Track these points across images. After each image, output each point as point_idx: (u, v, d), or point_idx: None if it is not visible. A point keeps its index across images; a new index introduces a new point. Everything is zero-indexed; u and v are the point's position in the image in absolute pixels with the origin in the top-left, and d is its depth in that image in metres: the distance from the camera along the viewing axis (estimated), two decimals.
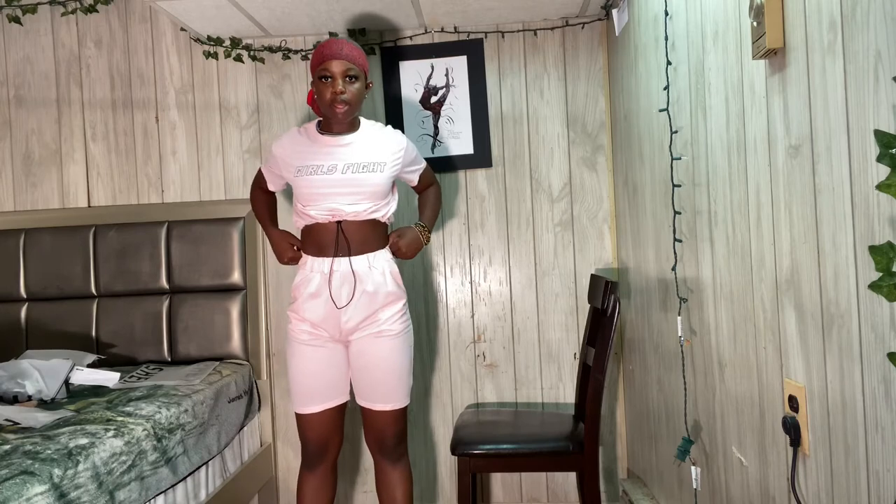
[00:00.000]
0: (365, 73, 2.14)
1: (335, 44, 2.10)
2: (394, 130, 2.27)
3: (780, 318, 1.40)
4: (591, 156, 3.05)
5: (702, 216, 1.84)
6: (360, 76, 2.11)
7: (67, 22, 3.13)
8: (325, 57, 2.08)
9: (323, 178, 2.12)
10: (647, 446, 2.64)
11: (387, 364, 2.18)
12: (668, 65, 2.03)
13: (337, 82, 2.07)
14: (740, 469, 1.67)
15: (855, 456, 1.14)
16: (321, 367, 2.18)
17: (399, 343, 2.19)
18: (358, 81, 2.10)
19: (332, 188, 2.12)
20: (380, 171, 2.15)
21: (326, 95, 2.08)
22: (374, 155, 2.16)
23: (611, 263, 3.04)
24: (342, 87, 2.07)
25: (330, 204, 2.13)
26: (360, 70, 2.11)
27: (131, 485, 1.86)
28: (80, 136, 3.14)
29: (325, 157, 2.15)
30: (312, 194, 2.13)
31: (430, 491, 3.08)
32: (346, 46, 2.10)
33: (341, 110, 2.09)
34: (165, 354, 2.94)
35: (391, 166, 2.18)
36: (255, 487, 2.86)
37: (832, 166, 1.16)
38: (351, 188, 2.13)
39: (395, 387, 2.20)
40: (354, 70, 2.09)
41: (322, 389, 2.19)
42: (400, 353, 2.19)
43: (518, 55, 3.07)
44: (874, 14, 1.02)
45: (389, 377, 2.18)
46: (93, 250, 3.01)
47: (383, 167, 2.16)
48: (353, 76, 2.09)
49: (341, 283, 2.13)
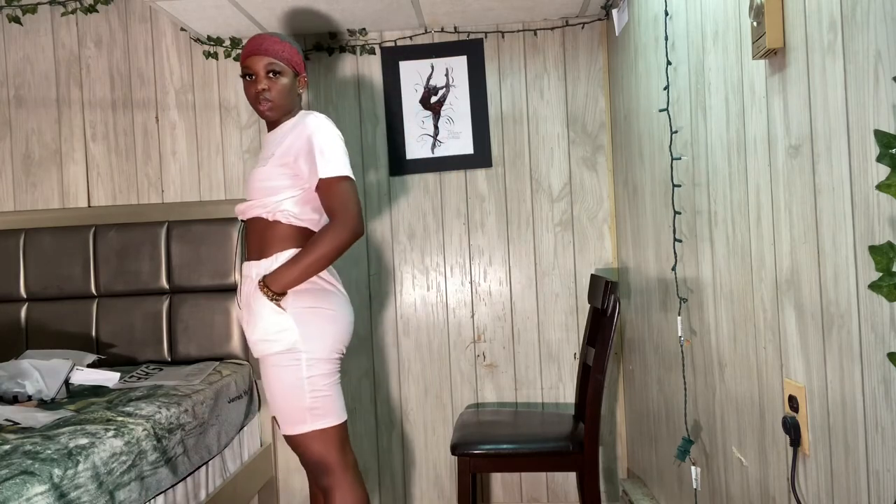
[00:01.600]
0: (293, 68, 2.02)
1: (256, 39, 1.99)
2: (313, 118, 1.99)
3: (780, 318, 1.40)
4: (591, 156, 3.05)
5: (702, 216, 1.84)
6: (286, 71, 1.99)
7: (67, 22, 3.13)
8: (245, 54, 1.99)
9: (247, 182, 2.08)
10: (647, 446, 2.64)
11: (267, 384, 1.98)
12: (668, 65, 2.03)
13: (260, 79, 1.97)
14: (740, 469, 1.67)
15: (855, 456, 1.14)
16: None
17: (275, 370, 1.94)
18: (283, 77, 1.99)
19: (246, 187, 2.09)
20: (263, 164, 1.99)
21: (251, 94, 2.00)
22: (269, 149, 2.02)
23: (611, 263, 3.04)
24: (265, 85, 1.97)
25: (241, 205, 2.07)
26: (286, 64, 1.99)
27: (131, 485, 1.86)
28: (80, 136, 3.14)
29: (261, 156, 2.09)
30: None
31: (430, 491, 3.08)
32: (267, 41, 1.98)
33: (264, 108, 1.99)
34: (165, 354, 2.94)
35: (283, 156, 1.96)
36: (255, 487, 2.86)
37: (832, 166, 1.16)
38: (248, 184, 2.04)
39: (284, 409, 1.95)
40: (278, 65, 1.97)
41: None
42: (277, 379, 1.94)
43: (518, 55, 3.07)
44: (874, 14, 1.02)
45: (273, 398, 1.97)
46: (93, 250, 3.01)
47: (271, 158, 1.97)
48: (277, 71, 1.98)
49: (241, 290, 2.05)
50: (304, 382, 1.92)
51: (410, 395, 3.08)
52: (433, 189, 3.08)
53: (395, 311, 3.08)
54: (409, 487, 3.08)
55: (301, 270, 1.89)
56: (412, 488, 3.09)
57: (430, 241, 3.09)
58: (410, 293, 3.09)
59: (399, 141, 3.06)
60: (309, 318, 1.93)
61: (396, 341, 3.08)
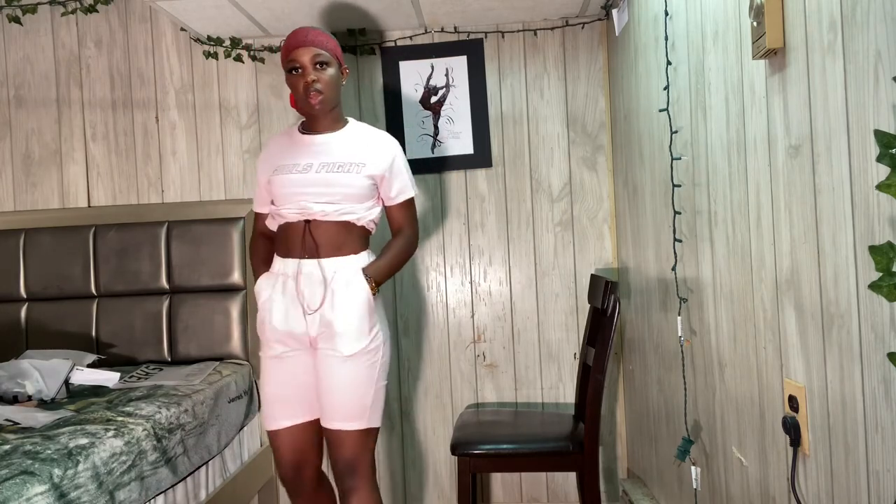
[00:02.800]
0: (338, 59, 2.02)
1: (300, 32, 1.98)
2: (388, 136, 2.11)
3: (780, 318, 1.40)
4: (591, 156, 3.05)
5: (702, 216, 1.84)
6: (332, 62, 1.99)
7: (67, 22, 3.13)
8: (290, 47, 1.97)
9: (296, 178, 2.00)
10: (647, 446, 2.64)
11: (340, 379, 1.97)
12: (668, 65, 2.03)
13: (308, 71, 1.96)
14: (740, 469, 1.67)
15: (855, 456, 1.14)
16: (286, 378, 2.04)
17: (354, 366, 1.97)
18: (330, 67, 1.98)
19: (305, 188, 1.99)
20: (356, 171, 2.00)
21: (300, 88, 1.97)
22: (352, 155, 2.02)
23: (611, 263, 3.04)
24: (314, 76, 1.95)
25: (300, 202, 1.99)
26: (332, 55, 1.98)
27: (131, 485, 1.86)
28: (80, 136, 3.14)
29: (303, 155, 2.04)
30: (285, 194, 2.01)
31: (430, 491, 3.08)
32: (311, 33, 1.97)
33: (316, 100, 1.97)
34: (165, 354, 2.94)
35: (371, 168, 2.02)
36: (255, 487, 2.86)
37: (832, 166, 1.16)
38: (322, 188, 1.99)
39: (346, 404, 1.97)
40: (324, 56, 1.96)
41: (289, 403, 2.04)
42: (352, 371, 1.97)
43: (518, 55, 3.07)
44: (874, 14, 1.02)
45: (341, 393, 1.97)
46: (93, 250, 3.01)
47: (360, 168, 2.00)
48: (324, 62, 1.96)
49: (309, 285, 1.98)
50: (375, 380, 2.00)
51: (410, 395, 3.08)
52: (433, 189, 3.08)
53: (394, 311, 3.08)
54: (409, 487, 3.08)
55: (392, 265, 2.07)
56: (412, 488, 3.09)
57: (429, 241, 3.09)
58: (410, 293, 3.09)
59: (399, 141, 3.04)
60: (382, 314, 2.06)
61: (396, 341, 3.08)
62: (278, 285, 2.02)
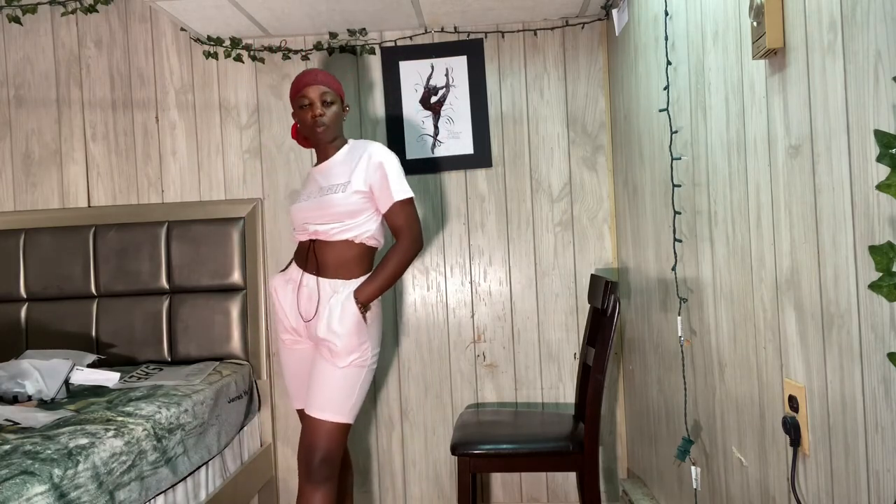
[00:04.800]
0: (341, 98, 2.31)
1: (311, 73, 2.28)
2: (375, 149, 2.25)
3: (780, 318, 1.40)
4: (591, 156, 3.05)
5: (702, 216, 1.84)
6: (336, 100, 2.28)
7: (67, 22, 3.13)
8: (302, 85, 2.26)
9: (302, 205, 2.28)
10: (647, 446, 2.64)
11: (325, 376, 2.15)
12: (668, 65, 2.03)
13: (315, 106, 2.24)
14: (740, 469, 1.67)
15: (855, 456, 1.14)
16: (296, 365, 2.31)
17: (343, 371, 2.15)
18: (334, 105, 2.27)
19: (307, 212, 2.25)
20: (342, 191, 2.20)
21: (307, 120, 2.25)
22: (340, 175, 2.24)
23: (611, 263, 3.04)
24: (320, 110, 2.23)
25: (305, 225, 2.26)
26: (336, 94, 2.28)
27: (131, 485, 1.86)
28: (80, 136, 3.14)
29: (310, 184, 2.33)
30: (295, 220, 2.30)
31: (430, 491, 3.08)
32: (320, 74, 2.28)
33: (321, 131, 2.24)
34: (165, 354, 2.94)
35: (356, 184, 2.20)
36: (255, 487, 2.86)
37: (832, 166, 1.16)
38: (319, 210, 2.23)
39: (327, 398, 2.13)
40: (330, 95, 2.25)
41: (297, 389, 2.32)
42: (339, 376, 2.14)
43: (518, 55, 3.07)
44: (874, 14, 1.02)
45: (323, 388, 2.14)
46: (93, 250, 3.01)
47: (346, 186, 2.21)
48: (330, 101, 2.25)
49: (308, 297, 2.22)
50: (360, 382, 2.19)
51: (410, 395, 3.08)
52: (433, 189, 3.08)
53: (394, 311, 3.08)
54: (409, 487, 3.08)
55: (382, 284, 2.20)
56: (412, 488, 3.09)
57: (430, 241, 3.09)
58: (410, 293, 3.09)
59: (399, 141, 3.05)
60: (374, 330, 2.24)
61: (396, 341, 3.08)
62: (288, 286, 2.28)
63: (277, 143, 3.10)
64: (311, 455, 2.13)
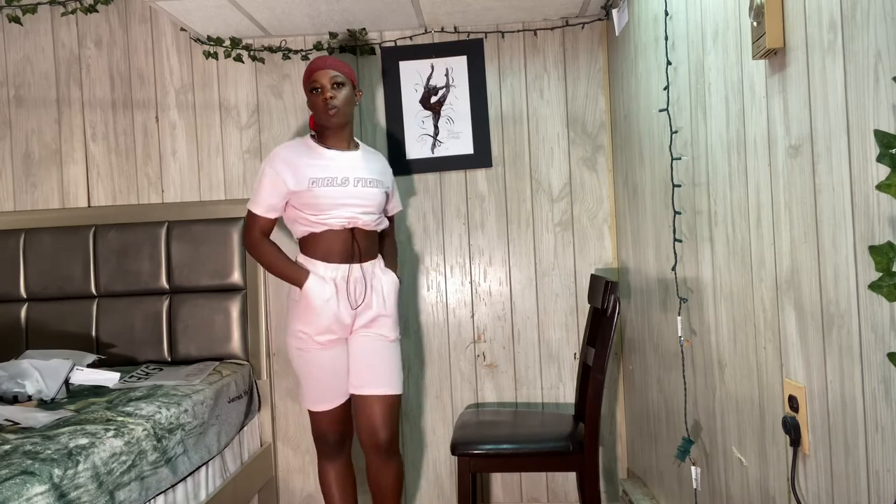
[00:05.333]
0: (352, 82, 2.35)
1: (320, 59, 2.34)
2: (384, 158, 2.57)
3: (780, 318, 1.40)
4: (591, 156, 3.05)
5: (702, 216, 1.84)
6: (347, 83, 2.32)
7: (67, 22, 3.13)
8: (312, 71, 2.32)
9: (339, 190, 2.31)
10: (647, 446, 2.64)
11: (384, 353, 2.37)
12: (668, 65, 2.03)
13: (326, 90, 2.29)
14: (740, 469, 1.67)
15: (855, 456, 1.14)
16: (336, 367, 2.36)
17: (395, 345, 2.42)
18: (345, 87, 2.31)
19: (347, 199, 2.31)
20: (381, 187, 2.41)
21: (319, 104, 2.30)
22: (373, 171, 2.40)
23: (611, 263, 3.04)
24: (331, 94, 2.28)
25: (346, 213, 2.31)
26: (346, 77, 2.33)
27: (131, 485, 1.86)
28: (80, 136, 3.14)
29: (336, 170, 2.33)
30: (330, 204, 2.29)
31: (430, 491, 3.08)
32: (329, 59, 2.34)
33: (332, 113, 2.29)
34: (165, 354, 2.94)
35: (385, 184, 2.45)
36: (255, 487, 2.86)
37: (832, 166, 1.16)
38: (362, 200, 2.34)
39: (391, 373, 2.36)
40: (340, 77, 2.30)
41: (336, 387, 2.38)
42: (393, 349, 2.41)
43: (518, 55, 3.07)
44: (874, 14, 1.02)
45: (386, 364, 2.36)
46: (93, 250, 3.01)
47: (380, 183, 2.41)
48: (340, 83, 2.30)
49: (355, 285, 2.33)
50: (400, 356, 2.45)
51: (410, 395, 3.08)
52: (433, 189, 3.08)
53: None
54: (409, 487, 3.08)
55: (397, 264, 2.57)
56: (412, 488, 3.09)
57: (429, 241, 3.09)
58: (410, 293, 3.09)
59: (399, 141, 3.06)
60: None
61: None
62: (330, 287, 2.30)
63: (277, 143, 3.09)
64: (384, 432, 2.32)
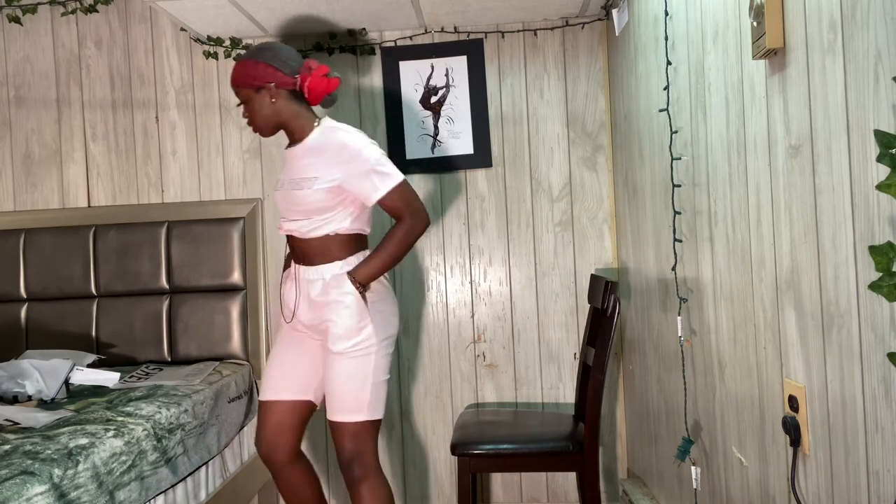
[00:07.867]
0: (251, 85, 2.04)
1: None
2: (344, 140, 2.04)
3: (780, 318, 1.40)
4: (591, 156, 3.05)
5: (702, 216, 1.84)
6: (247, 93, 2.06)
7: (67, 22, 3.13)
8: None
9: (277, 195, 2.15)
10: (647, 446, 2.64)
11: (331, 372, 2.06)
12: (668, 65, 2.03)
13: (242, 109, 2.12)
14: (740, 469, 1.67)
15: (855, 456, 1.14)
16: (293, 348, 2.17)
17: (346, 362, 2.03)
18: (249, 101, 2.07)
19: (281, 203, 2.13)
20: (308, 187, 2.02)
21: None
22: (306, 169, 2.05)
23: (611, 263, 3.04)
24: (244, 112, 2.11)
25: (282, 217, 2.15)
26: (243, 87, 2.06)
27: (131, 485, 1.86)
28: (80, 136, 3.14)
29: (283, 170, 2.18)
30: (277, 208, 2.17)
31: (431, 491, 3.08)
32: (233, 71, 2.09)
33: (255, 132, 2.14)
34: (165, 354, 2.94)
35: (323, 182, 2.01)
36: (255, 487, 2.86)
37: (832, 166, 1.16)
38: (288, 204, 2.09)
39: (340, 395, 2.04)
40: (241, 92, 2.08)
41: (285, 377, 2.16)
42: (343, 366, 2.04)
43: (518, 55, 3.07)
44: (874, 14, 1.02)
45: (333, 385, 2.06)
46: (93, 250, 3.01)
47: (312, 182, 2.01)
48: (243, 100, 2.09)
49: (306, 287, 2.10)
50: (369, 373, 2.05)
51: (410, 395, 3.09)
52: (433, 189, 3.08)
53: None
54: (409, 487, 3.08)
55: (383, 263, 2.04)
56: (412, 488, 3.09)
57: (429, 241, 3.09)
58: (410, 293, 3.09)
59: (399, 141, 3.05)
60: (378, 313, 2.07)
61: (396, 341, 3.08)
62: (289, 282, 2.16)
63: (277, 143, 3.09)
64: (340, 455, 2.07)
